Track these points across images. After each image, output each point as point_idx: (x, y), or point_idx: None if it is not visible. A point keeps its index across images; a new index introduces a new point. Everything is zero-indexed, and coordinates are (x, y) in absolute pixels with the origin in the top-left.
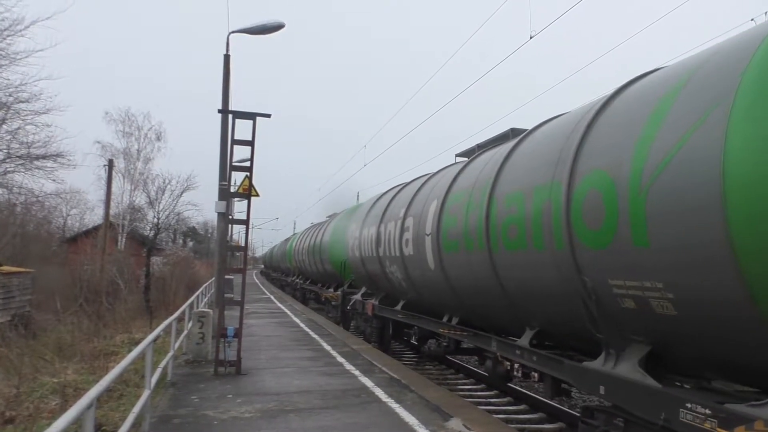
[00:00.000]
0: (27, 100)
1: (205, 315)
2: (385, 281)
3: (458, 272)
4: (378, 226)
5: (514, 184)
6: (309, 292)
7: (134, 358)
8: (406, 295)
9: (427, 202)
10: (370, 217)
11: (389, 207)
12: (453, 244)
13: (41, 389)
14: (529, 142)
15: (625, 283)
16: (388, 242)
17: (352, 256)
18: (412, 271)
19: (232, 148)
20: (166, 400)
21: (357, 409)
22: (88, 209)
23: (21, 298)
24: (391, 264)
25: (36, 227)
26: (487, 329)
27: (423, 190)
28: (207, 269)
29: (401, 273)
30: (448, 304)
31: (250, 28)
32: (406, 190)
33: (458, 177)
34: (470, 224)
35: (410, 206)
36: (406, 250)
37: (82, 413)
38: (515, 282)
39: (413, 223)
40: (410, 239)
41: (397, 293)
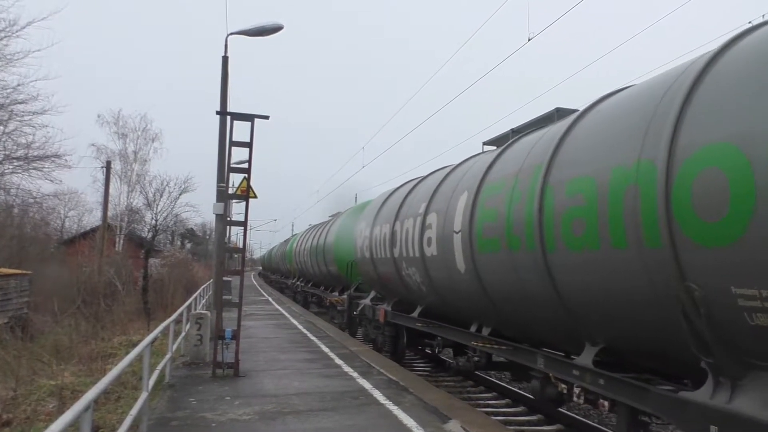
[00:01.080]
0: (24, 101)
1: (203, 317)
2: (400, 285)
3: (496, 276)
4: (392, 224)
5: (579, 168)
6: (311, 296)
7: (132, 360)
8: (424, 300)
9: (454, 194)
10: (382, 214)
11: (405, 202)
12: (490, 242)
13: (38, 392)
14: (593, 116)
15: (760, 293)
16: (406, 242)
17: (360, 257)
18: (435, 273)
19: (230, 149)
20: (163, 402)
21: (355, 411)
22: (87, 211)
23: (18, 300)
24: (409, 266)
25: (34, 229)
26: (521, 341)
27: (448, 181)
28: (205, 271)
29: (421, 276)
30: (479, 312)
31: (248, 30)
32: (425, 183)
33: (494, 164)
34: (515, 219)
35: (432, 200)
36: (428, 250)
37: (79, 416)
38: (578, 288)
39: (437, 220)
40: (433, 238)
41: (413, 298)
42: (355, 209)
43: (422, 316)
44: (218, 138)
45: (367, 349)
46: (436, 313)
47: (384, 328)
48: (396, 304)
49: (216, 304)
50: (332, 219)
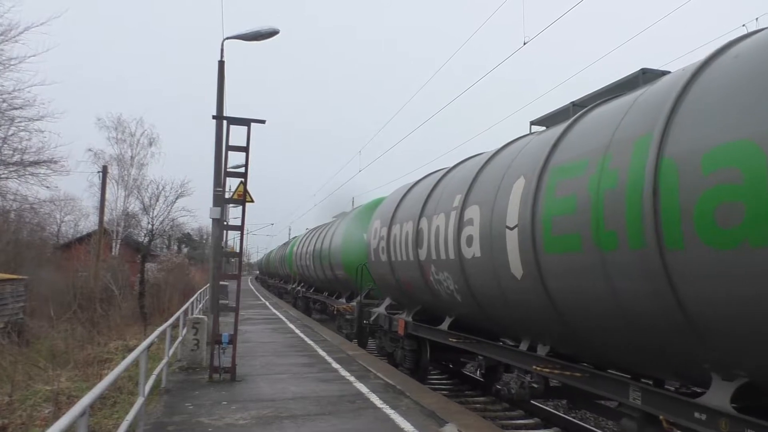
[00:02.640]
0: (21, 107)
1: (199, 321)
2: (426, 292)
3: (572, 283)
4: (417, 222)
5: (727, 132)
6: (313, 302)
7: (128, 365)
8: (455, 310)
9: (504, 182)
10: (402, 211)
11: (433, 196)
12: (565, 240)
13: (34, 397)
14: (725, 64)
15: None
16: (436, 242)
17: (375, 260)
18: (476, 279)
19: (227, 154)
20: (160, 407)
21: (352, 415)
22: (83, 216)
23: (14, 305)
24: (440, 270)
25: (30, 234)
26: (592, 363)
27: (492, 167)
28: (202, 275)
29: (457, 282)
30: (536, 326)
31: (244, 34)
32: (458, 172)
33: (562, 141)
34: (609, 208)
35: (472, 191)
36: (468, 250)
37: (75, 421)
38: (717, 299)
39: (480, 214)
40: (476, 236)
41: (442, 307)
42: (366, 208)
43: (452, 329)
44: (215, 142)
45: (364, 353)
46: (469, 325)
47: (403, 341)
48: (417, 314)
49: (213, 308)
50: (336, 220)
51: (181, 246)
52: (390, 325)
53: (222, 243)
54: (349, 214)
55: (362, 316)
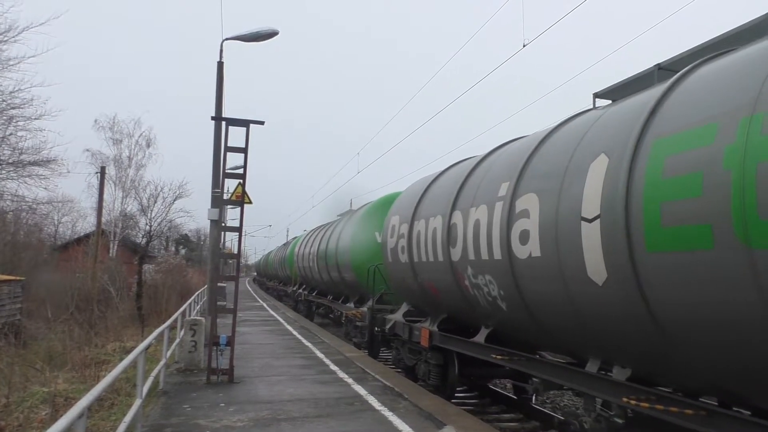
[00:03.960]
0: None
1: (197, 323)
2: (458, 298)
3: (692, 291)
4: (448, 216)
5: None
6: (317, 306)
7: (126, 367)
8: (493, 319)
9: (575, 161)
10: (427, 204)
11: (468, 184)
12: (684, 234)
13: (31, 399)
14: None
15: None
16: (475, 239)
17: (392, 261)
18: (533, 284)
19: (225, 155)
20: (158, 409)
21: (350, 417)
22: (80, 217)
23: (11, 307)
24: (479, 273)
25: (27, 235)
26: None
27: (551, 146)
28: (199, 277)
29: (502, 287)
30: (616, 343)
31: (243, 35)
32: (501, 155)
33: (664, 105)
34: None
35: (525, 176)
36: (522, 249)
37: (72, 423)
38: None
39: (540, 203)
40: (534, 231)
41: (476, 316)
42: (377, 204)
43: (488, 341)
44: (213, 143)
45: (362, 355)
46: (509, 339)
47: (427, 354)
48: (443, 323)
49: (210, 310)
50: (342, 219)
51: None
52: (410, 334)
53: (220, 244)
54: (357, 212)
55: (374, 323)
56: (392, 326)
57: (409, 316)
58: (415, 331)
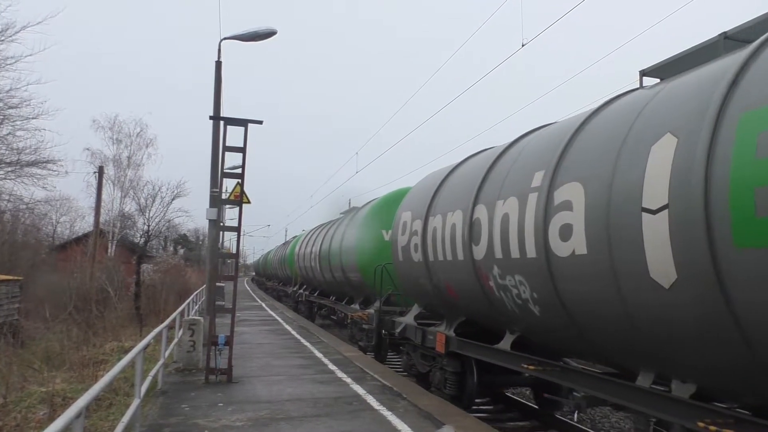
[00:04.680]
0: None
1: (195, 323)
2: (481, 301)
3: None
4: (469, 211)
5: None
6: (319, 307)
7: (124, 367)
8: (521, 324)
9: (630, 143)
10: (444, 198)
11: (493, 175)
12: None
13: (29, 399)
14: None
15: None
16: (503, 235)
17: (403, 261)
18: (576, 285)
19: (224, 154)
20: (156, 409)
21: (349, 417)
22: (79, 217)
23: (9, 306)
24: (508, 273)
25: (25, 234)
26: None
27: (596, 128)
28: (198, 277)
29: (536, 289)
30: (680, 355)
31: (241, 34)
32: (532, 141)
33: (749, 71)
34: None
35: (565, 162)
36: (563, 246)
37: (70, 423)
38: None
39: (586, 194)
40: (578, 225)
41: (501, 320)
42: (385, 201)
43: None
44: (211, 143)
45: (360, 355)
46: (535, 343)
47: (442, 360)
48: (460, 327)
49: (209, 309)
50: (346, 216)
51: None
52: (423, 339)
53: (218, 244)
54: (362, 209)
55: (382, 326)
56: (403, 329)
57: (420, 319)
58: (429, 335)
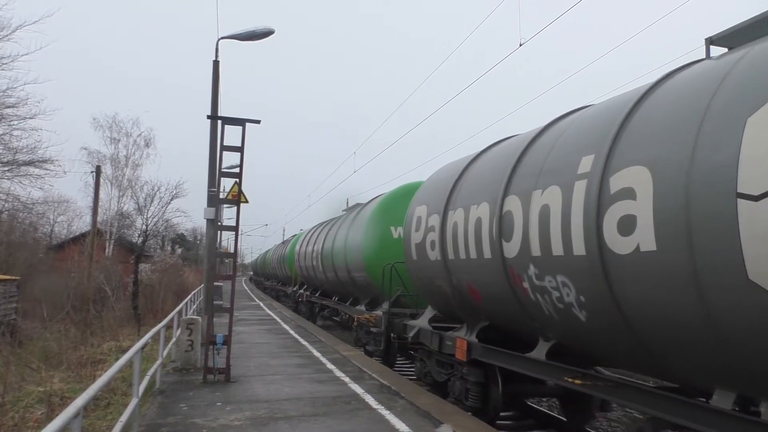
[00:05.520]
0: (14, 105)
1: (193, 322)
2: (511, 303)
3: None
4: (498, 203)
5: None
6: (321, 308)
7: (122, 366)
8: (557, 329)
9: (710, 119)
10: (467, 190)
11: (526, 161)
12: None
13: (27, 398)
14: None
15: None
16: (542, 229)
17: (417, 259)
18: (638, 287)
19: (221, 154)
20: (154, 408)
21: (347, 416)
22: (76, 216)
23: (7, 306)
24: (546, 273)
25: (22, 234)
26: None
27: (658, 101)
28: (196, 276)
29: (583, 291)
30: None
31: (239, 34)
32: (574, 122)
33: None
34: None
35: (621, 143)
36: (623, 241)
37: (68, 422)
38: None
39: (654, 180)
40: (643, 217)
41: (533, 326)
42: (393, 195)
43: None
44: (209, 142)
45: (358, 354)
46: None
47: (462, 368)
48: (482, 332)
49: (207, 309)
50: (349, 213)
51: (175, 247)
52: (440, 345)
53: (216, 244)
54: (368, 205)
55: (390, 329)
56: (416, 334)
57: (434, 323)
58: (447, 341)
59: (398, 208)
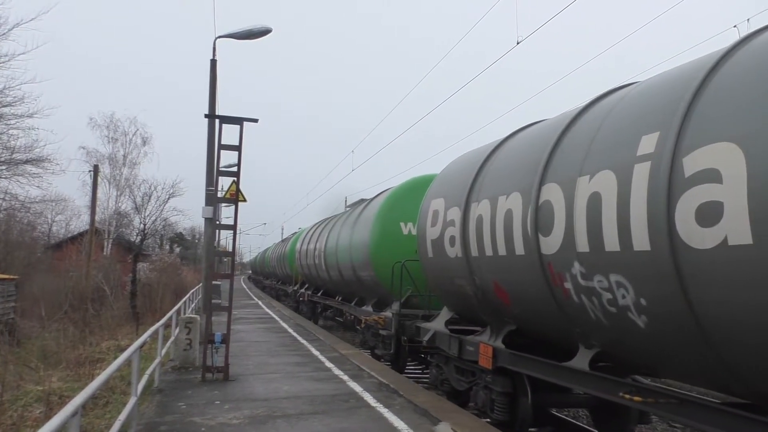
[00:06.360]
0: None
1: (192, 321)
2: (546, 306)
3: None
4: (534, 192)
5: None
6: (323, 308)
7: (120, 365)
8: (604, 336)
9: None
10: (490, 179)
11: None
12: None
13: (25, 397)
14: None
15: None
16: (590, 221)
17: (434, 257)
18: (717, 288)
19: (219, 153)
20: (153, 407)
21: (346, 414)
22: (74, 215)
23: (5, 306)
24: (596, 271)
25: (20, 233)
26: None
27: (739, 67)
28: (194, 275)
29: (644, 293)
30: None
31: (236, 33)
32: (628, 96)
33: None
34: None
35: (694, 118)
36: (703, 234)
37: (66, 421)
38: None
39: (748, 157)
40: (735, 202)
41: (572, 331)
42: (403, 189)
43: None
44: (207, 141)
45: (357, 352)
46: (618, 362)
47: (487, 377)
48: (509, 337)
49: (205, 308)
50: (354, 209)
51: (174, 246)
52: (460, 350)
53: (215, 242)
54: (375, 200)
55: (401, 332)
56: (432, 337)
57: (451, 326)
58: (469, 346)
59: (408, 203)
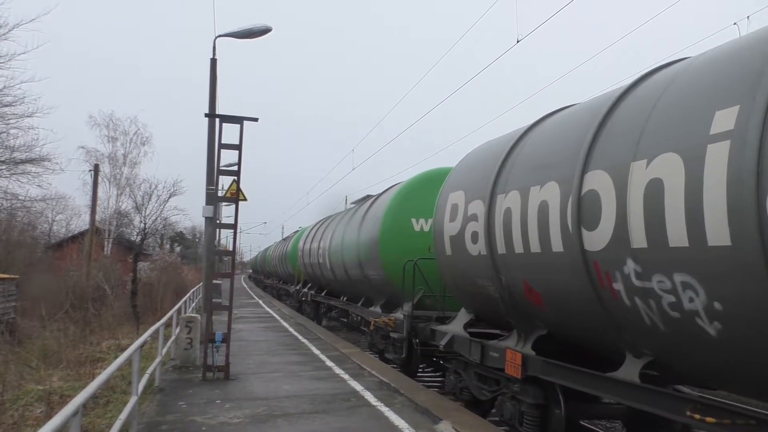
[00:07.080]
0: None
1: (192, 320)
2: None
3: None
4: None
5: None
6: (328, 308)
7: (121, 364)
8: (658, 344)
9: None
10: (519, 168)
11: (612, 123)
12: None
13: (26, 397)
14: None
15: None
16: (648, 213)
17: (453, 254)
18: None
19: (220, 152)
20: (153, 406)
21: (346, 413)
22: (75, 215)
23: (5, 305)
24: (655, 270)
25: (21, 233)
26: None
27: None
28: (195, 274)
29: (718, 296)
30: None
31: (236, 32)
32: (691, 66)
33: None
34: None
35: None
36: None
37: (67, 420)
38: None
39: None
40: None
41: (619, 338)
42: (414, 183)
43: (646, 376)
44: (207, 140)
45: (358, 351)
46: (672, 373)
47: (514, 386)
48: (540, 343)
49: (206, 307)
50: (360, 206)
51: (174, 245)
52: (483, 356)
53: (215, 241)
54: (383, 196)
55: (413, 335)
56: (449, 342)
57: (470, 328)
58: (493, 352)
59: (420, 198)
